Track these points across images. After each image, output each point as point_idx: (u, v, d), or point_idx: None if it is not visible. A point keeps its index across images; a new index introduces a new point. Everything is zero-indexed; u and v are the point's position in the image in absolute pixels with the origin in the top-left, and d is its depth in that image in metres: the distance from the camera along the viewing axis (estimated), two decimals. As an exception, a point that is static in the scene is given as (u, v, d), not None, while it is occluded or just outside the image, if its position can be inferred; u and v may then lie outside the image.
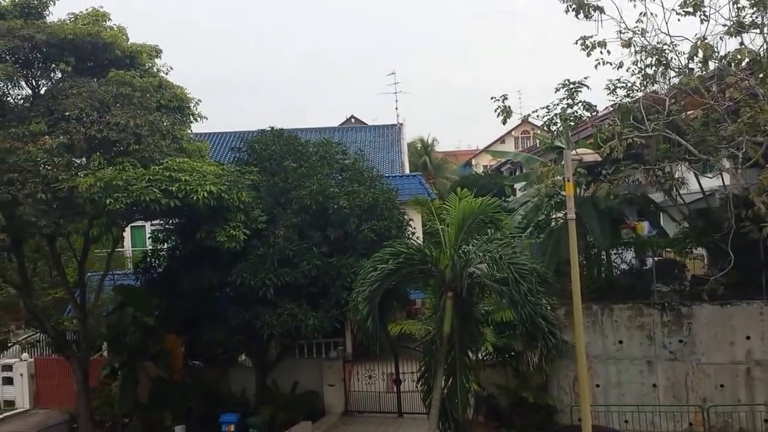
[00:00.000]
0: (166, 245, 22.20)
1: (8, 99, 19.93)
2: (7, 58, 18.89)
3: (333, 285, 19.36)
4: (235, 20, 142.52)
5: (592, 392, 18.49)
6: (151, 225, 23.88)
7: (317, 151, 22.34)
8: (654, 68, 17.44)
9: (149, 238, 23.46)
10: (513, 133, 66.60)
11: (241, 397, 22.37)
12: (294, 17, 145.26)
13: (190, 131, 21.98)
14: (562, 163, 14.72)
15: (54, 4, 20.62)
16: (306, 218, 19.82)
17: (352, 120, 57.13)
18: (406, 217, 21.79)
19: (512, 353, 19.14)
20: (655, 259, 20.63)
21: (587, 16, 17.46)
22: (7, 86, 19.48)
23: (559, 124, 19.55)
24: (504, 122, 19.15)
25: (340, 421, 22.03)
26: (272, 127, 23.22)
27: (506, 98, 18.57)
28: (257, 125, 24.98)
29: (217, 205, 17.95)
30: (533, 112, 20.22)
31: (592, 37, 17.25)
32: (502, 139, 69.14)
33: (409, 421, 21.26)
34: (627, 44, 17.23)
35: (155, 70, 21.42)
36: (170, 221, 21.51)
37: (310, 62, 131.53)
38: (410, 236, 21.05)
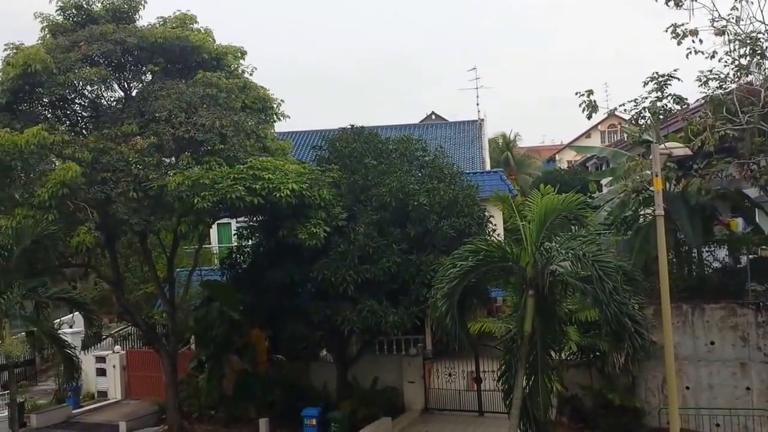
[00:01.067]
0: (250, 242, 22.74)
1: (102, 101, 20.93)
2: (101, 61, 19.79)
3: (412, 282, 19.34)
4: (316, 16, 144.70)
5: (682, 395, 17.88)
6: (237, 222, 24.52)
7: (397, 149, 22.37)
8: (748, 58, 16.56)
9: (234, 234, 24.11)
10: (599, 127, 64.66)
11: (323, 392, 22.69)
12: (376, 12, 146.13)
13: (273, 130, 22.48)
14: (651, 157, 14.19)
15: (143, 7, 21.51)
16: (386, 215, 19.88)
17: (433, 116, 56.85)
18: (486, 213, 21.54)
19: (597, 353, 18.60)
20: (750, 257, 19.68)
21: (677, 4, 16.76)
22: (101, 89, 20.47)
23: (647, 117, 18.87)
24: (589, 117, 18.75)
25: (420, 419, 22.00)
26: (352, 125, 23.44)
27: (591, 93, 18.15)
28: (338, 123, 25.24)
29: (299, 203, 18.26)
30: (620, 105, 19.65)
31: (683, 25, 16.55)
32: (587, 134, 67.34)
33: (490, 420, 21.02)
34: (720, 32, 16.45)
35: (240, 71, 22.00)
36: (254, 218, 22.04)
37: (389, 59, 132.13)
38: (490, 233, 20.77)
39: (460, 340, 13.97)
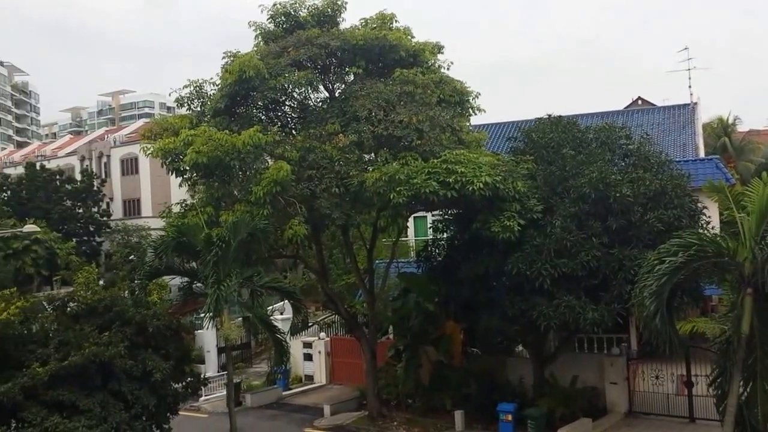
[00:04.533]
0: (445, 235, 22.97)
1: (309, 102, 22.26)
2: (308, 65, 21.08)
3: (614, 277, 18.40)
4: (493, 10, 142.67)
5: None
6: (432, 215, 24.90)
7: (598, 137, 21.39)
8: None
9: (430, 228, 24.48)
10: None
11: (518, 387, 22.33)
12: None
13: (468, 123, 22.50)
14: None
15: (345, 9, 22.53)
16: (585, 207, 19.10)
17: (639, 102, 53.40)
18: (699, 205, 19.91)
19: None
20: None
21: None
22: (308, 91, 21.78)
23: None
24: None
25: (623, 422, 20.91)
26: (550, 115, 22.77)
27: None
28: (534, 114, 24.65)
29: (493, 195, 18.11)
30: None
31: None
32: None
33: (701, 427, 19.54)
34: None
35: (437, 66, 22.31)
36: (448, 212, 22.22)
37: (586, 45, 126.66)
38: (703, 226, 19.17)
39: (670, 341, 13.04)
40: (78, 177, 61.33)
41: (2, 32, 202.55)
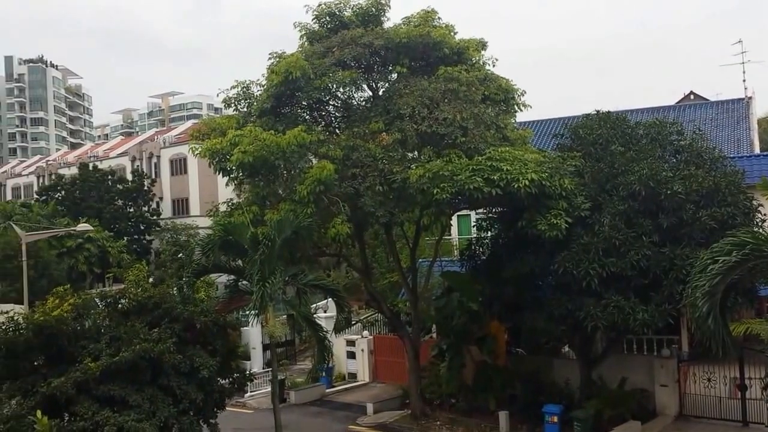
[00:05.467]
0: (489, 233, 22.77)
1: (352, 102, 22.31)
2: (352, 64, 21.13)
3: (665, 277, 17.96)
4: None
5: None
6: (476, 214, 24.74)
7: (648, 133, 20.92)
8: None
9: (474, 226, 24.33)
10: None
11: (565, 389, 22.00)
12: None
13: (514, 120, 22.25)
14: None
15: (390, 8, 22.51)
16: (634, 205, 18.70)
17: (691, 96, 52.08)
18: (753, 202, 19.29)
19: None
20: None
21: None
22: (352, 90, 21.84)
23: None
24: None
25: (673, 425, 20.41)
26: (598, 111, 22.35)
27: None
28: (580, 110, 24.23)
29: (539, 193, 17.87)
30: None
31: None
32: None
33: (755, 432, 18.88)
34: None
35: (481, 63, 22.11)
36: (493, 210, 22.03)
37: (635, 39, 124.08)
38: (758, 224, 18.56)
39: (723, 343, 12.62)
40: (129, 177, 62.87)
41: (56, 37, 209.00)
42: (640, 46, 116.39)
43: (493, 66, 22.27)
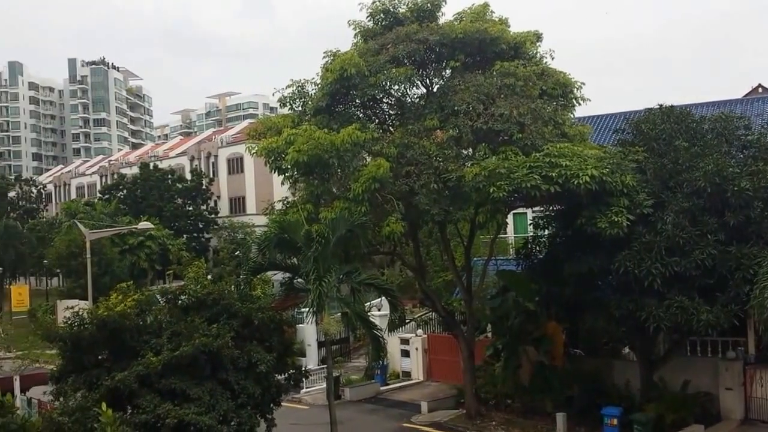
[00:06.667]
0: (546, 231, 22.41)
1: (406, 99, 22.22)
2: (406, 61, 21.02)
3: (731, 277, 17.38)
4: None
5: None
6: (533, 212, 24.34)
7: (713, 128, 20.27)
8: None
9: (530, 224, 23.95)
10: None
11: (624, 391, 21.46)
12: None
13: (572, 115, 21.82)
14: None
15: (446, 3, 22.32)
16: (699, 202, 18.15)
17: (760, 89, 50.16)
18: (828, 200, 18.44)
19: None
20: None
21: None
22: (406, 87, 21.73)
23: None
24: None
25: (737, 429, 19.78)
26: (661, 105, 21.71)
27: None
28: (642, 104, 23.59)
29: (599, 190, 17.48)
30: None
31: None
32: None
33: (829, 440, 18.05)
34: None
35: (538, 57, 21.73)
36: (550, 207, 21.65)
37: (700, 29, 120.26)
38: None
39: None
40: (188, 176, 64.36)
41: (117, 39, 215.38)
42: (707, 39, 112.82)
43: (552, 59, 21.88)
